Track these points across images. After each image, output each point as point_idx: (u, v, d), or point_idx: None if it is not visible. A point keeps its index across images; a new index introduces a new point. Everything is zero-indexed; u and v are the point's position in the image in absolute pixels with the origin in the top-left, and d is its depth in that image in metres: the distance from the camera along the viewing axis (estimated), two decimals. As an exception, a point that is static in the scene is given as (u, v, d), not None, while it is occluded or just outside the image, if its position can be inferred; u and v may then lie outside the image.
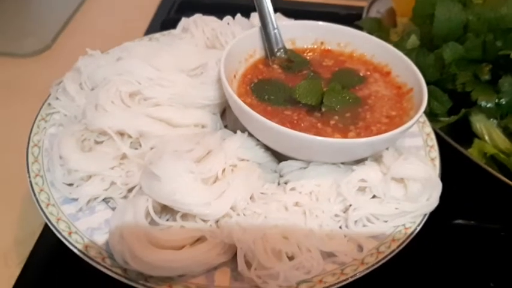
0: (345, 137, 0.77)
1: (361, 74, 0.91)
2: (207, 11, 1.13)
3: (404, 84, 0.87)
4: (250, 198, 0.72)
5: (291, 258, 0.66)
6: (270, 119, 0.74)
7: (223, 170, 0.72)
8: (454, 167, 0.86)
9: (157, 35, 1.11)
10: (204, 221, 0.68)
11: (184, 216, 0.69)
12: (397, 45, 0.95)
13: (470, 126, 0.93)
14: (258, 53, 0.93)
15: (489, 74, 0.92)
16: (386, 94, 0.87)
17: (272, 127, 0.72)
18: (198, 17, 1.02)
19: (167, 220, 0.71)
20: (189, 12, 1.43)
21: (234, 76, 0.87)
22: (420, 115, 0.76)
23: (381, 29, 1.20)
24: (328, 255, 0.69)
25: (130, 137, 0.81)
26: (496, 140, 0.89)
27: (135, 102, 0.85)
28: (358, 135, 0.77)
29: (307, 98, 0.81)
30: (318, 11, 1.56)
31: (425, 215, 0.75)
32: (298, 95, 0.81)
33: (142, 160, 0.78)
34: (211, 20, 1.04)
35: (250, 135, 0.80)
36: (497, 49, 0.91)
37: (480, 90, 0.91)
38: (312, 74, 0.90)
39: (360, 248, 0.70)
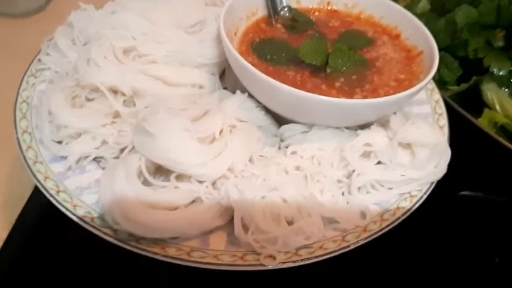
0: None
1: (369, 36, 0.86)
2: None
3: (413, 47, 0.83)
4: (249, 160, 0.68)
5: (290, 222, 0.62)
6: (271, 79, 0.71)
7: (221, 131, 0.68)
8: (463, 137, 0.82)
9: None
10: (199, 182, 0.64)
11: (179, 177, 0.65)
12: (406, 9, 0.90)
13: (481, 95, 0.88)
14: (261, 11, 0.88)
15: (503, 41, 0.88)
16: (395, 57, 0.82)
17: (274, 86, 0.67)
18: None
19: (162, 181, 0.68)
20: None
21: (235, 34, 0.82)
22: (430, 79, 0.72)
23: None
24: (330, 221, 0.65)
25: (123, 94, 0.76)
26: (507, 110, 0.85)
27: (130, 58, 0.80)
28: (364, 98, 0.73)
29: (312, 57, 0.77)
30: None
31: (432, 183, 0.71)
32: (303, 54, 0.77)
33: (135, 119, 0.74)
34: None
35: (250, 96, 0.76)
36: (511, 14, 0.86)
37: (493, 57, 0.86)
38: (317, 34, 0.85)
39: (363, 215, 0.67)
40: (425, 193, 0.70)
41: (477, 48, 0.88)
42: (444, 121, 0.83)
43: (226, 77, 0.86)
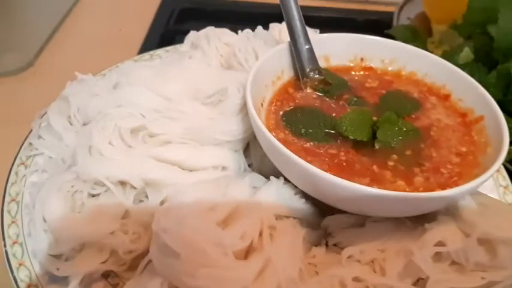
0: (410, 183, 0.60)
1: (415, 97, 0.75)
2: (213, 20, 0.97)
3: (470, 110, 0.71)
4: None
5: None
6: (311, 161, 0.58)
7: (260, 235, 0.55)
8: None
9: (159, 51, 0.94)
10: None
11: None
12: (445, 59, 0.79)
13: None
14: (287, 73, 0.76)
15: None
16: (450, 124, 0.70)
17: (316, 174, 0.55)
18: (210, 29, 0.85)
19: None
20: (191, 22, 1.26)
21: (262, 104, 0.70)
22: (505, 154, 0.59)
23: (416, 38, 1.04)
24: None
25: (133, 187, 0.64)
26: None
27: (139, 140, 0.67)
28: (427, 181, 0.61)
29: (356, 132, 0.65)
30: (336, 17, 1.39)
31: (514, 285, 0.58)
32: (345, 129, 0.64)
33: (150, 217, 0.61)
34: (225, 32, 0.87)
35: (286, 180, 0.64)
36: None
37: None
38: (355, 99, 0.73)
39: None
40: (512, 299, 0.57)
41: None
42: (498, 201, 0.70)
43: (252, 153, 0.74)
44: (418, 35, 1.05)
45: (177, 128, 0.69)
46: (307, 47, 0.75)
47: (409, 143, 0.66)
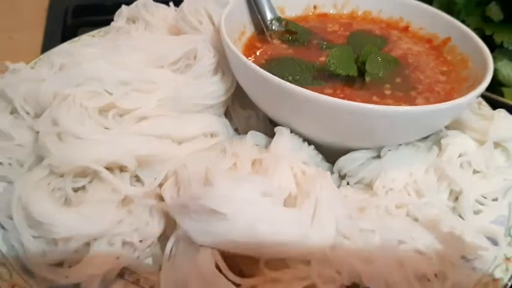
0: (414, 105, 0.59)
1: (378, 34, 0.74)
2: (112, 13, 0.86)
3: (433, 35, 0.73)
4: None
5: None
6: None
7: (297, 183, 0.49)
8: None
9: (84, 36, 0.83)
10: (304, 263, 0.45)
11: (268, 263, 0.45)
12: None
13: (495, 75, 0.81)
14: (249, 29, 0.72)
15: (501, 13, 0.82)
16: (421, 50, 0.71)
17: (334, 103, 0.53)
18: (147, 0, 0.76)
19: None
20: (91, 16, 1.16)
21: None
22: (492, 64, 0.61)
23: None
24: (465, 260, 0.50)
25: (123, 170, 0.54)
26: (530, 82, 0.79)
27: (109, 119, 0.57)
28: (428, 101, 0.61)
29: (346, 68, 0.62)
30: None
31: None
32: (336, 67, 0.62)
33: (153, 200, 0.52)
34: (162, 5, 0.79)
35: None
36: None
37: (502, 32, 0.80)
38: (324, 43, 0.70)
39: (494, 241, 0.53)
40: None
41: (480, 27, 0.81)
42: (488, 109, 0.72)
43: (234, 116, 0.67)
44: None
45: (151, 100, 0.60)
46: (265, -2, 0.71)
47: (394, 71, 0.66)
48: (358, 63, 0.64)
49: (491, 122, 0.58)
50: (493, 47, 0.81)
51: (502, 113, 0.61)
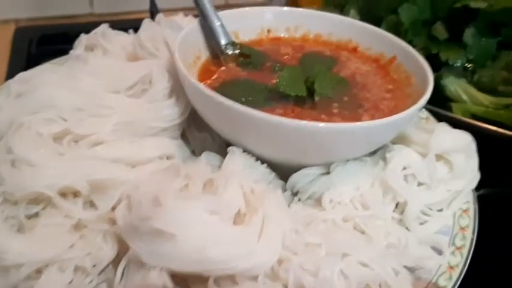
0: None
1: (329, 55, 0.78)
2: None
3: (380, 54, 0.76)
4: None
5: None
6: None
7: (246, 200, 0.51)
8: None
9: (45, 65, 0.83)
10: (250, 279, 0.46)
11: (217, 281, 0.46)
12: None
13: (443, 91, 0.85)
14: (204, 53, 0.74)
15: (446, 33, 0.86)
16: (369, 69, 0.75)
17: (281, 123, 0.55)
18: (105, 27, 0.78)
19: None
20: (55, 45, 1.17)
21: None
22: (432, 80, 0.65)
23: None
24: (411, 270, 0.53)
25: (77, 195, 0.55)
26: (476, 98, 0.83)
27: (64, 146, 0.59)
28: (373, 118, 0.63)
29: (295, 88, 0.65)
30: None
31: (473, 190, 0.63)
32: (285, 88, 0.64)
33: (107, 224, 0.53)
34: (119, 32, 0.81)
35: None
36: (449, 4, 0.85)
37: (447, 50, 0.84)
38: (277, 65, 0.73)
39: (438, 251, 0.55)
40: (474, 203, 0.62)
41: (427, 46, 0.85)
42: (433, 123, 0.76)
43: (190, 138, 0.69)
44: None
45: (106, 125, 0.61)
46: (218, 23, 0.74)
47: (342, 91, 0.69)
48: (308, 84, 0.67)
49: (431, 135, 0.61)
50: (439, 65, 0.86)
51: (443, 126, 0.64)
